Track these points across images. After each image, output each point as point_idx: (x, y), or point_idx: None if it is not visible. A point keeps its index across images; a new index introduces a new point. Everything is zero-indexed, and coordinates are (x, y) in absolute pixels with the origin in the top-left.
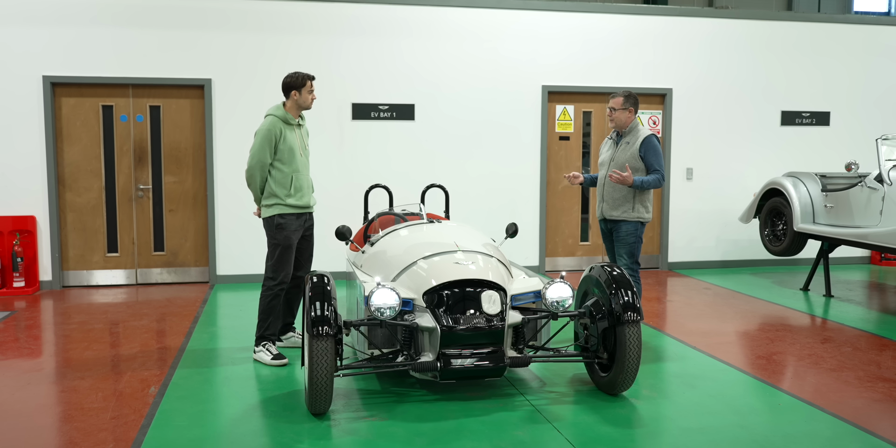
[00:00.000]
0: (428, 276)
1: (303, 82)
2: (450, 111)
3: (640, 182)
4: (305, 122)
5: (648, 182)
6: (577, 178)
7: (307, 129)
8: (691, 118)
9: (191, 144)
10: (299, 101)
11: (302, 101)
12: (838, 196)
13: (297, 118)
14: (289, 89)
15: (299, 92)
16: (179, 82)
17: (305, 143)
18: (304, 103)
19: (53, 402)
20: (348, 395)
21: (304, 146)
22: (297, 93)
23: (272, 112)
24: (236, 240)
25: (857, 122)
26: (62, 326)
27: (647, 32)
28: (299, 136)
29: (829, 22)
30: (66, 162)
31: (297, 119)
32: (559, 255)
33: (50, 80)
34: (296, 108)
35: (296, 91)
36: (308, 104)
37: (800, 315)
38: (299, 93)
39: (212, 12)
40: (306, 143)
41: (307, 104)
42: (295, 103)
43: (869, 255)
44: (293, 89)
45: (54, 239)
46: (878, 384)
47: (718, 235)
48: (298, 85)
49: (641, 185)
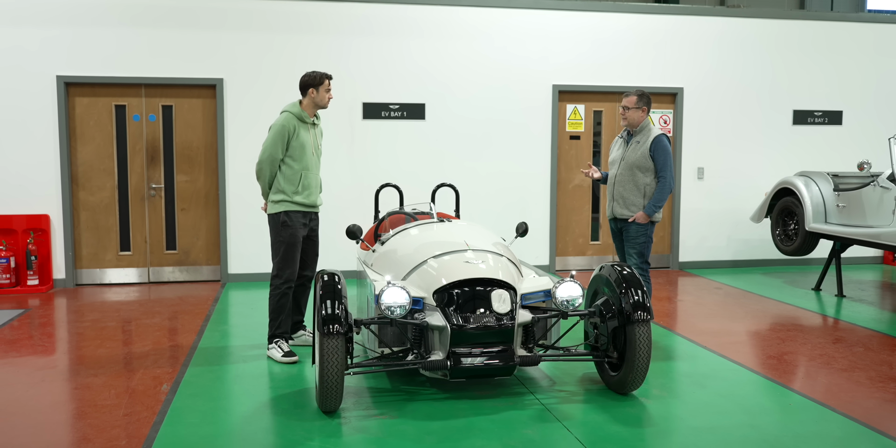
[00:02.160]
0: (438, 275)
1: (320, 81)
2: (460, 110)
3: (653, 207)
4: (321, 123)
5: (659, 199)
6: (596, 172)
7: (321, 130)
8: (702, 117)
9: (203, 143)
10: (316, 100)
11: (319, 99)
12: (850, 195)
13: (312, 117)
14: (306, 87)
15: (317, 90)
16: (191, 82)
17: (318, 143)
18: (320, 102)
19: (67, 399)
20: (359, 393)
21: (317, 146)
22: (314, 91)
23: (288, 109)
24: (248, 238)
25: (870, 121)
26: (75, 324)
27: (658, 31)
28: (313, 135)
29: (841, 21)
30: (80, 161)
31: (312, 118)
32: (570, 254)
33: (64, 80)
34: (312, 107)
35: (313, 89)
36: (325, 103)
37: (811, 315)
38: (316, 91)
39: (224, 12)
40: (319, 142)
41: (324, 103)
42: (312, 102)
43: (882, 255)
44: (310, 87)
45: (68, 237)
46: (889, 384)
47: (729, 235)
48: (316, 83)
49: (655, 209)
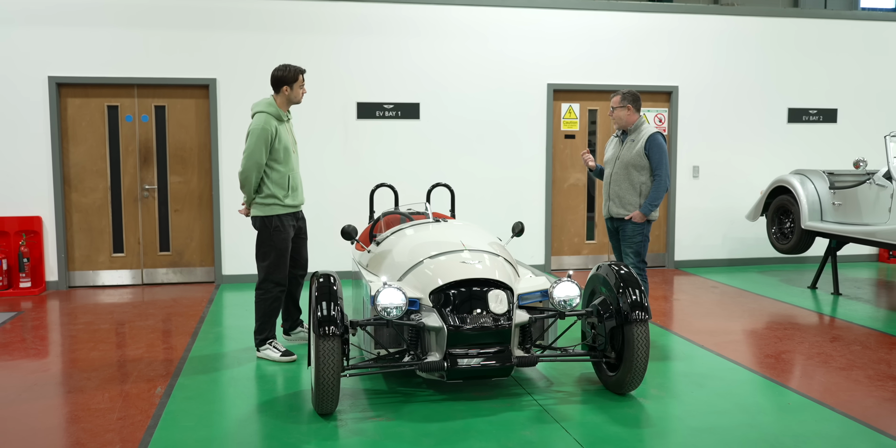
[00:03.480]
0: (434, 276)
1: (295, 77)
2: (455, 110)
3: (649, 206)
4: (291, 116)
5: (655, 198)
6: (591, 160)
7: (293, 123)
8: (698, 116)
9: (196, 144)
10: (290, 97)
11: (293, 96)
12: (846, 193)
13: (287, 113)
14: (280, 84)
15: (291, 87)
16: (184, 82)
17: (295, 139)
18: (295, 98)
19: (60, 403)
20: (355, 396)
21: (295, 141)
22: (288, 88)
23: (264, 109)
24: (241, 240)
25: (865, 119)
26: (68, 327)
27: (653, 30)
28: (290, 132)
29: (835, 18)
30: (72, 162)
31: (287, 114)
32: (565, 253)
33: (56, 81)
34: (286, 104)
35: (287, 87)
36: (299, 99)
37: (808, 313)
38: (291, 88)
39: (217, 12)
40: (295, 137)
41: (298, 99)
42: (286, 99)
43: (877, 253)
44: (285, 84)
45: (60, 239)
46: (888, 383)
47: (725, 233)
48: (290, 80)
49: (651, 208)
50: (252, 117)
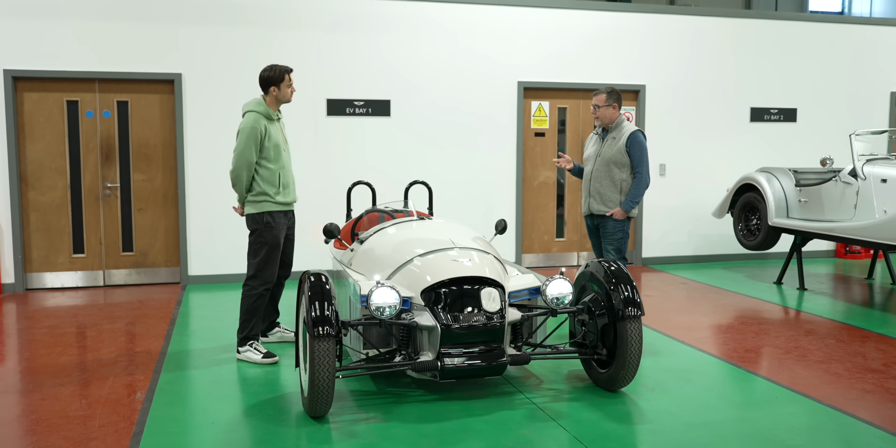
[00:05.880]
0: (424, 274)
1: (281, 76)
2: (425, 107)
3: (630, 203)
4: (282, 115)
5: (636, 195)
6: (569, 163)
7: (284, 121)
8: (664, 114)
9: (160, 141)
10: (279, 96)
11: (282, 95)
12: (812, 191)
13: (277, 112)
14: (268, 84)
15: (278, 87)
16: (148, 77)
17: (286, 137)
18: (283, 98)
19: (34, 411)
20: (343, 397)
21: (286, 140)
22: (275, 88)
23: (254, 108)
24: (209, 239)
25: (822, 118)
26: (31, 331)
27: (620, 28)
28: (281, 130)
29: (790, 20)
30: (29, 159)
31: (277, 113)
32: (535, 251)
33: (11, 74)
34: (276, 103)
35: (275, 87)
36: (288, 98)
37: (778, 308)
38: (278, 89)
39: (183, 4)
40: (286, 136)
41: (287, 98)
42: (275, 99)
43: (834, 249)
44: (272, 85)
45: (17, 240)
46: (867, 375)
47: (690, 230)
48: (277, 80)
49: (632, 204)
50: (242, 117)
